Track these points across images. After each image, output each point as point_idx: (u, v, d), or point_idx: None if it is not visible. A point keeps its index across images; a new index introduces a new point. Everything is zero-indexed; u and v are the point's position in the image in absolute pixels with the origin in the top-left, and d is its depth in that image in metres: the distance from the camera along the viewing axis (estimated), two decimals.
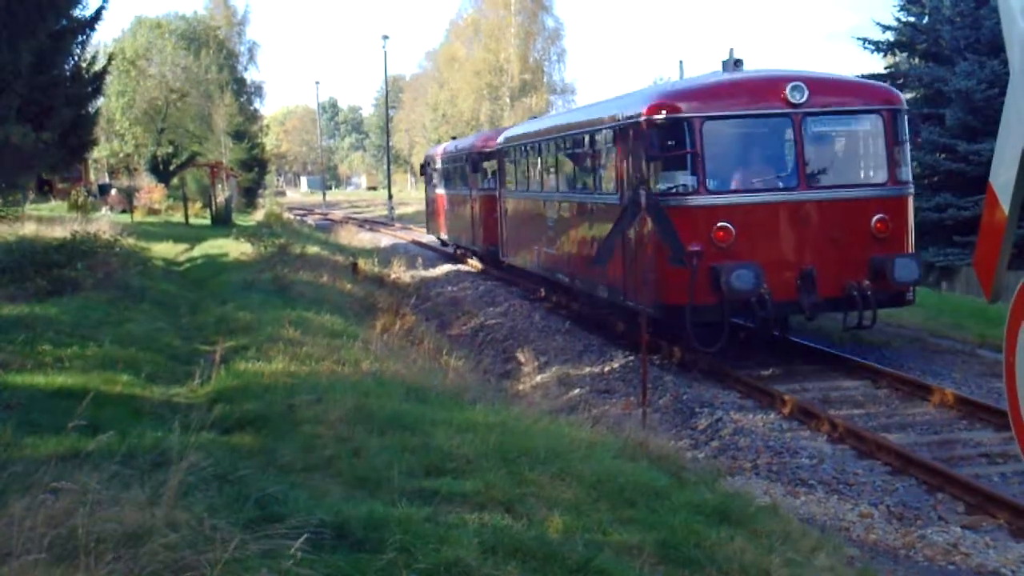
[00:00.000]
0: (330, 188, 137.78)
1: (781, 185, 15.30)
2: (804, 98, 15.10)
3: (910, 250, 15.57)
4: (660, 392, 14.67)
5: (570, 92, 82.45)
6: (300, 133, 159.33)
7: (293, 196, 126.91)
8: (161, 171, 58.30)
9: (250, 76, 75.95)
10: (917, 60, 37.03)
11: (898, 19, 37.71)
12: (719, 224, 14.75)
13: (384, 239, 48.02)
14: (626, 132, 16.52)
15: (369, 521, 5.87)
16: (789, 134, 15.32)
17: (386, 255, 35.11)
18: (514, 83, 77.38)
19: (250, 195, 68.31)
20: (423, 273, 31.50)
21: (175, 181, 56.51)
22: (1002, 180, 4.03)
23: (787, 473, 10.79)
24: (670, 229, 12.68)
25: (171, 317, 16.50)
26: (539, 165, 23.36)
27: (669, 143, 15.36)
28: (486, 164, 30.05)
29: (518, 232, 25.44)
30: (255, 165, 69.71)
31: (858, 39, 38.17)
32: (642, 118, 15.63)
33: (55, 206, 44.19)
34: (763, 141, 15.93)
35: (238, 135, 65.96)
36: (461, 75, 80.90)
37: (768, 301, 14.42)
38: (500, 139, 27.87)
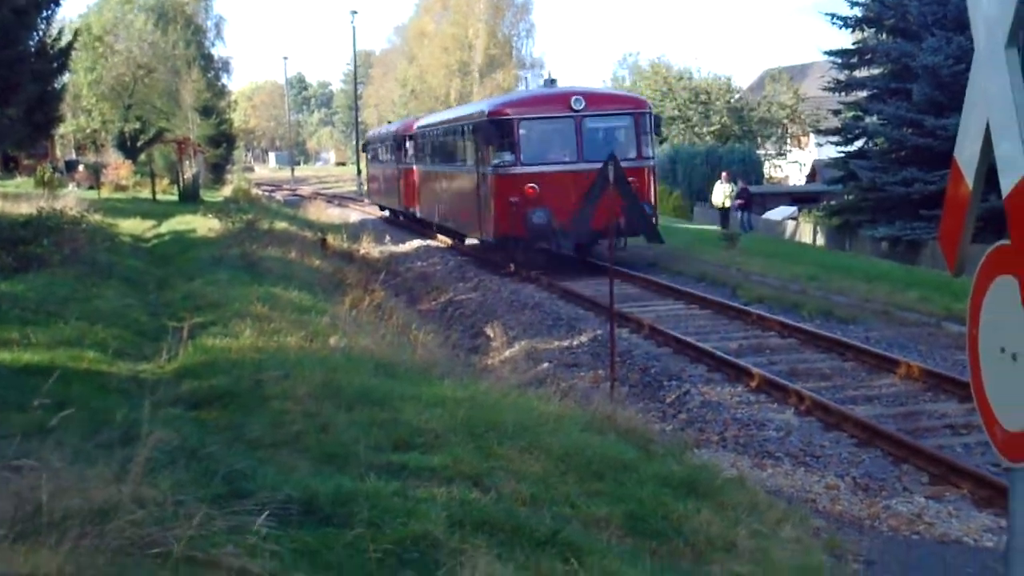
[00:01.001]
0: (299, 164, 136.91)
1: (567, 160, 23.90)
2: (582, 106, 23.99)
3: (650, 200, 23.89)
4: (628, 366, 14.71)
5: (539, 67, 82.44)
6: (268, 108, 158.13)
7: (262, 172, 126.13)
8: (128, 147, 57.88)
9: (217, 51, 75.72)
10: (885, 35, 37.05)
11: None
12: (528, 184, 23.57)
13: (353, 214, 47.87)
14: (477, 127, 25.64)
15: (337, 496, 5.85)
16: (572, 128, 23.88)
17: (355, 230, 34.99)
18: (483, 59, 77.18)
19: (218, 171, 67.83)
20: (392, 248, 31.42)
21: (142, 157, 56.14)
22: (966, 155, 4.05)
23: (754, 445, 10.86)
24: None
25: (139, 293, 16.38)
26: (435, 146, 32.66)
27: (500, 134, 24.27)
28: (408, 144, 37.85)
29: (424, 194, 34.84)
30: (223, 141, 69.15)
31: (826, 14, 38.31)
32: (485, 118, 25.08)
33: (21, 183, 43.79)
34: (556, 133, 24.30)
35: (206, 111, 65.40)
36: (430, 51, 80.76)
37: (557, 231, 22.44)
38: (415, 126, 36.79)
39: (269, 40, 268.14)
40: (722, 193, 36.46)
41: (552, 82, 27.85)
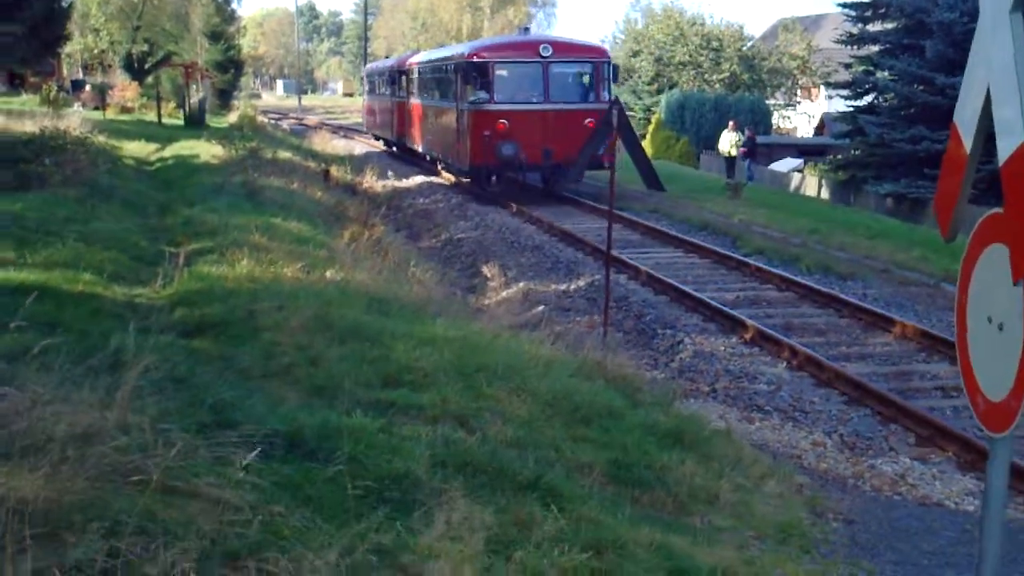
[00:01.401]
0: (306, 93, 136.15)
1: (535, 100, 26.85)
2: (550, 53, 26.84)
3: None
4: (624, 313, 14.72)
5: (551, 4, 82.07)
6: (278, 36, 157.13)
7: (269, 99, 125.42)
8: (136, 69, 57.36)
9: None
10: None
11: None
12: (499, 120, 26.39)
13: (358, 147, 47.66)
14: (459, 67, 28.30)
15: (323, 430, 5.87)
16: (540, 72, 26.81)
17: (359, 163, 34.89)
18: None
19: (225, 97, 67.30)
20: (396, 183, 31.34)
21: (149, 80, 55.67)
22: (966, 118, 4.01)
23: (744, 398, 10.89)
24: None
25: (139, 217, 16.33)
26: (425, 82, 34.98)
27: (477, 75, 27.05)
28: (402, 79, 39.69)
29: (415, 126, 36.80)
30: (231, 67, 68.59)
31: None
32: (464, 59, 27.89)
33: (26, 100, 43.46)
34: (526, 76, 27.11)
35: (214, 36, 64.82)
36: None
37: (524, 163, 26.22)
38: (409, 62, 38.61)
39: None
40: (728, 142, 36.26)
41: (526, 30, 34.89)
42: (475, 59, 27.33)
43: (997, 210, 3.74)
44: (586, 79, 27.62)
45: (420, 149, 35.89)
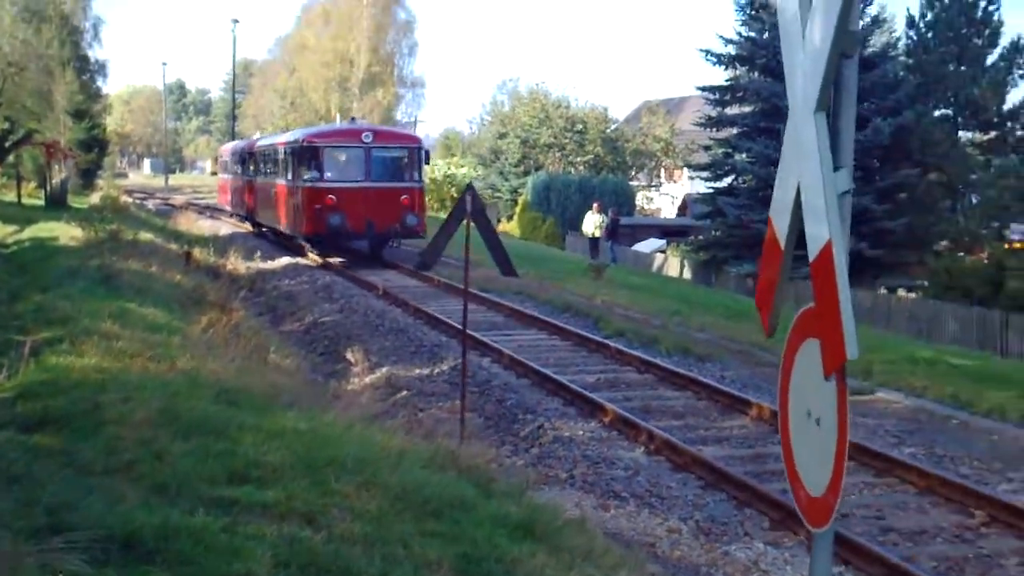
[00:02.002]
0: (174, 172, 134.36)
1: (359, 179, 31.34)
2: (371, 140, 31.85)
3: (417, 211, 31.59)
4: (486, 397, 14.72)
5: (420, 86, 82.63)
6: (146, 114, 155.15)
7: (136, 178, 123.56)
8: None
9: (94, 53, 73.39)
10: (756, 74, 37.95)
11: (739, 33, 38.61)
12: (328, 196, 30.79)
13: (224, 227, 47.13)
14: (295, 150, 33.01)
15: (162, 531, 5.70)
16: (363, 156, 31.46)
17: (224, 244, 34.45)
18: (364, 75, 76.87)
19: (89, 176, 66.21)
20: (261, 265, 31.02)
21: (10, 159, 54.45)
22: (780, 213, 4.12)
23: (601, 484, 10.90)
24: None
25: None
26: (268, 162, 39.21)
27: (310, 157, 31.63)
28: (249, 159, 43.87)
29: (259, 201, 41.04)
30: (95, 145, 67.51)
31: (701, 50, 39.05)
32: (300, 144, 32.64)
33: None
34: (351, 159, 31.84)
35: (78, 114, 63.67)
36: (310, 64, 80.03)
37: (350, 232, 30.86)
38: (256, 145, 43.59)
39: (149, 44, 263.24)
40: (592, 223, 36.84)
41: (352, 120, 40.51)
42: (308, 143, 32.23)
43: (811, 306, 3.82)
44: (402, 162, 32.53)
45: (265, 222, 40.27)
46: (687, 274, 38.18)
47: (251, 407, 9.18)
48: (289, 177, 34.00)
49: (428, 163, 36.90)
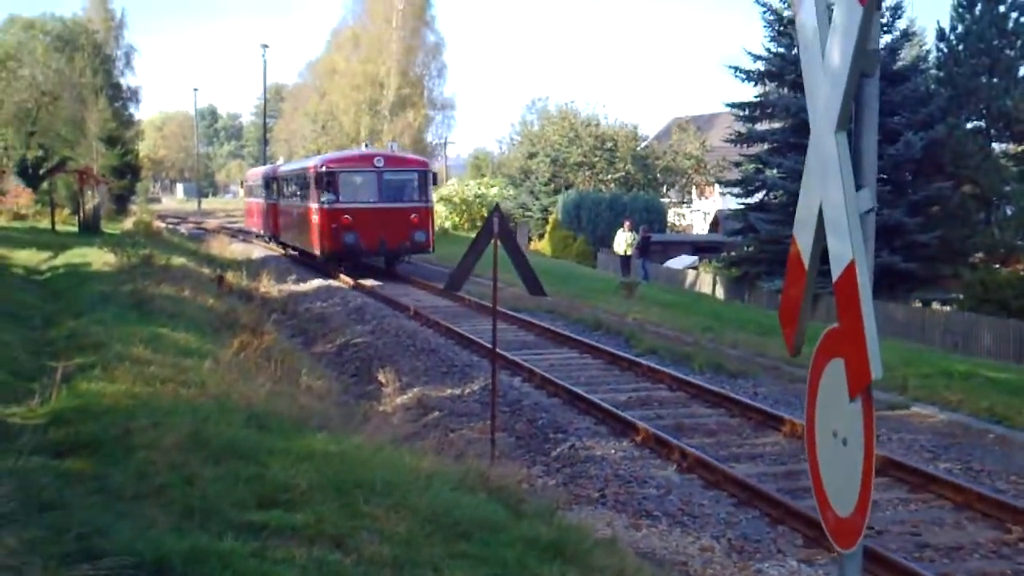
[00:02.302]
0: (207, 196, 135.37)
1: (372, 200, 34.57)
2: (382, 164, 34.97)
3: (425, 229, 34.84)
4: (516, 417, 14.69)
5: (450, 107, 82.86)
6: (178, 139, 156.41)
7: (169, 203, 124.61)
8: (30, 175, 56.77)
9: (126, 81, 74.42)
10: (786, 90, 37.84)
11: (768, 49, 38.52)
12: (344, 216, 33.98)
13: (257, 251, 47.41)
14: (315, 175, 35.44)
15: (191, 556, 5.72)
16: (375, 179, 34.75)
17: (256, 268, 34.70)
18: (394, 97, 77.18)
19: (122, 202, 66.77)
20: (293, 288, 31.17)
21: (44, 186, 55.04)
22: (804, 231, 4.09)
23: (633, 503, 10.85)
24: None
25: (22, 329, 15.98)
26: (289, 186, 42.73)
27: (327, 180, 34.53)
28: (273, 184, 47.19)
29: (283, 222, 44.62)
30: (128, 171, 68.22)
31: (730, 67, 38.96)
32: (318, 169, 35.24)
33: None
34: (365, 182, 34.94)
35: (111, 140, 64.43)
36: (341, 87, 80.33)
37: (364, 249, 34.29)
38: (278, 171, 46.82)
39: (181, 70, 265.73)
40: (624, 242, 36.79)
41: (367, 145, 43.81)
42: (325, 168, 35.18)
43: (835, 325, 3.79)
44: (411, 184, 35.72)
45: (287, 241, 44.20)
46: (719, 291, 38.07)
47: (281, 430, 9.21)
48: (309, 199, 37.05)
49: (437, 184, 41.27)
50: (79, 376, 11.10)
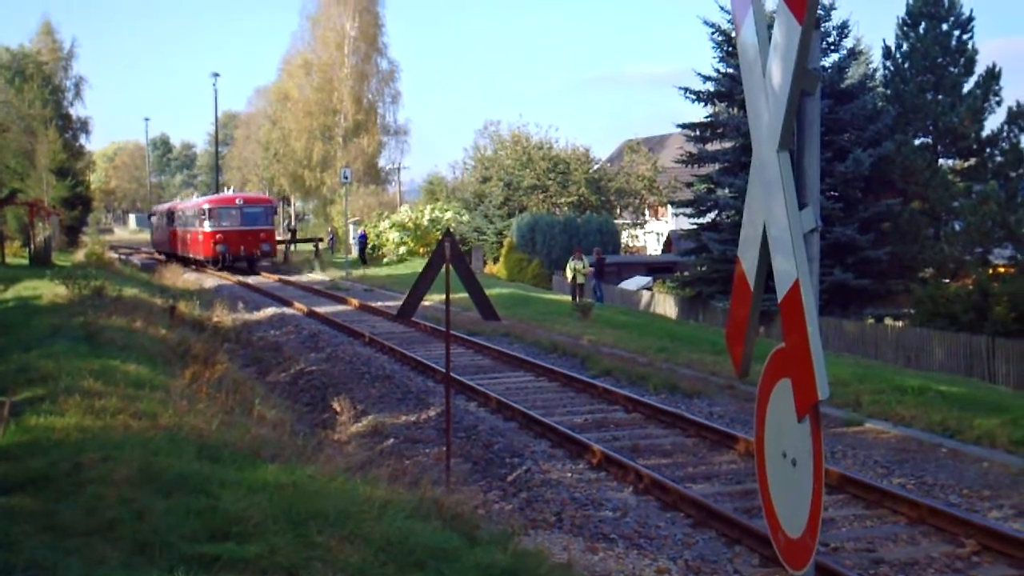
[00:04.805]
0: None
1: (238, 224, 56.37)
2: (242, 203, 57.87)
3: (271, 242, 58.28)
4: (473, 442, 14.63)
5: (403, 133, 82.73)
6: (130, 169, 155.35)
7: (121, 234, 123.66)
8: None
9: (76, 111, 73.84)
10: (735, 110, 38.11)
11: (717, 70, 38.80)
12: (217, 235, 55.50)
13: (209, 280, 47.18)
14: (198, 210, 58.31)
15: None
16: (238, 214, 56.62)
17: (209, 297, 34.45)
18: (347, 124, 77.06)
19: (73, 233, 66.23)
20: (246, 316, 30.97)
21: None
22: (748, 252, 4.09)
23: (590, 527, 10.81)
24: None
25: None
26: (184, 217, 61.86)
27: (205, 215, 56.47)
28: (173, 215, 66.05)
29: (180, 242, 63.14)
30: (79, 203, 67.59)
31: (679, 88, 39.16)
32: (202, 206, 57.97)
33: None
34: (231, 215, 56.55)
35: (61, 172, 63.73)
36: (293, 114, 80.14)
37: (229, 256, 55.42)
38: (177, 206, 66.73)
39: (132, 100, 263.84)
40: (572, 269, 36.80)
41: (233, 191, 69.80)
42: (205, 205, 56.92)
43: (782, 345, 3.79)
44: (261, 215, 57.82)
45: (181, 254, 62.08)
46: (673, 311, 38.17)
47: (233, 462, 9.10)
48: (197, 224, 57.40)
49: (276, 214, 70.93)
50: (28, 410, 10.94)
